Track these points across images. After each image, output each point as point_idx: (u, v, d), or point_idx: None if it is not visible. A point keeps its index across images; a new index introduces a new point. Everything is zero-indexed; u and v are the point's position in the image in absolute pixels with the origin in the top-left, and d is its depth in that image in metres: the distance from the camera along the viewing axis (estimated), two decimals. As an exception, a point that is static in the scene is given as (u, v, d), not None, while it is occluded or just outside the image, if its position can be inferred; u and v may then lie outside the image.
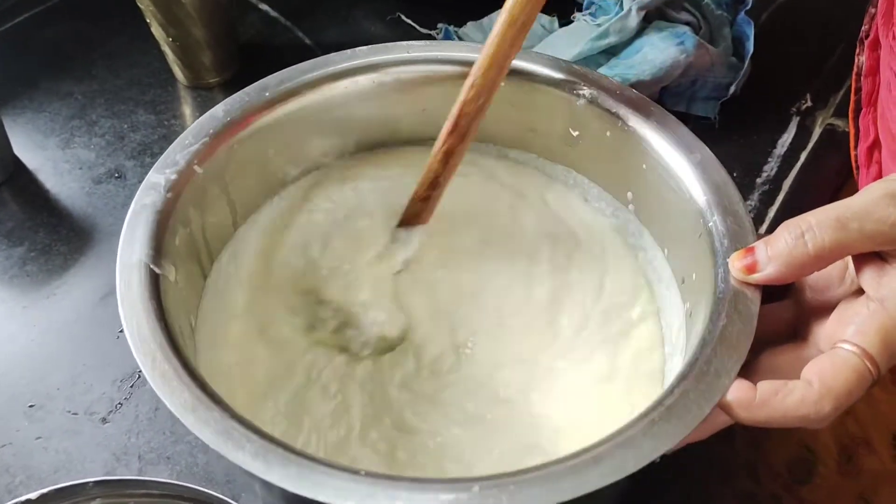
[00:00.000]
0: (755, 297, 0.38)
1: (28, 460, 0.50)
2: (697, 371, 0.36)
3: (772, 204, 0.62)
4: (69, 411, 0.52)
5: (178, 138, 0.45)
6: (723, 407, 0.35)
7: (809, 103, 0.69)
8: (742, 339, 0.37)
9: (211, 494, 0.38)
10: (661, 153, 0.46)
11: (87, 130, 0.68)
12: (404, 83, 0.50)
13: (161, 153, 0.45)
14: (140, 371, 0.54)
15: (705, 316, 0.39)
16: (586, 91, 0.48)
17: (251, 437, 0.33)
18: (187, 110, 0.70)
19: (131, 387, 0.53)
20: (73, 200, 0.63)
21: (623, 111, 0.47)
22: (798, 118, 0.68)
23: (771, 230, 0.41)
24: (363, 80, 0.49)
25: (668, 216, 0.47)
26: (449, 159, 0.47)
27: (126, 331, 0.37)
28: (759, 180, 0.63)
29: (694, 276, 0.44)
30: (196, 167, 0.44)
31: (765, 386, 0.35)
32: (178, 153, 0.44)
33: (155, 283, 0.39)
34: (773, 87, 0.69)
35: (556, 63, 0.49)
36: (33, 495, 0.37)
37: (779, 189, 0.63)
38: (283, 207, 0.51)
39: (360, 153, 0.53)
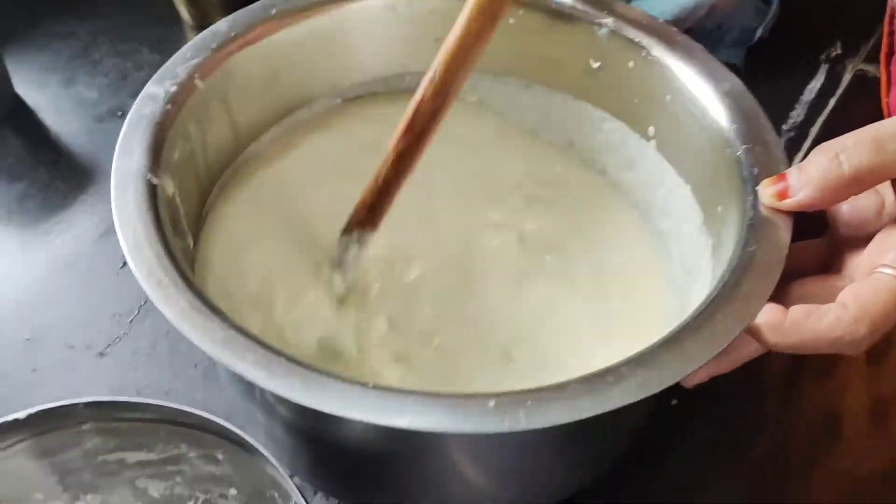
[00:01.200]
0: (786, 226, 0.37)
1: (24, 393, 0.48)
2: (726, 294, 0.34)
3: (797, 151, 0.60)
4: (66, 345, 0.50)
5: (178, 52, 0.43)
6: (752, 331, 0.34)
7: (839, 49, 0.66)
8: (772, 267, 0.35)
9: (207, 418, 0.36)
10: (687, 83, 0.44)
11: (90, 70, 0.66)
12: (419, 12, 0.48)
13: None
14: (140, 307, 0.54)
15: (733, 246, 0.37)
16: (609, 20, 0.46)
17: (253, 346, 0.32)
18: None
19: (130, 322, 0.51)
20: (74, 138, 0.62)
21: (647, 40, 0.45)
22: (827, 64, 0.65)
23: None
24: (375, 4, 0.47)
25: (693, 149, 0.44)
26: (401, 163, 0.41)
27: (121, 240, 0.35)
28: (784, 127, 0.61)
29: (720, 208, 0.42)
30: (197, 80, 0.42)
31: (797, 309, 0.33)
32: (178, 66, 0.42)
33: (152, 195, 0.37)
34: (801, 31, 0.66)
35: (575, -9, 0.47)
36: (21, 414, 0.36)
37: (805, 136, 0.61)
38: (288, 135, 0.49)
39: (370, 83, 0.51)
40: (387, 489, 0.41)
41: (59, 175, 0.60)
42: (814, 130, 0.61)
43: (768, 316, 0.33)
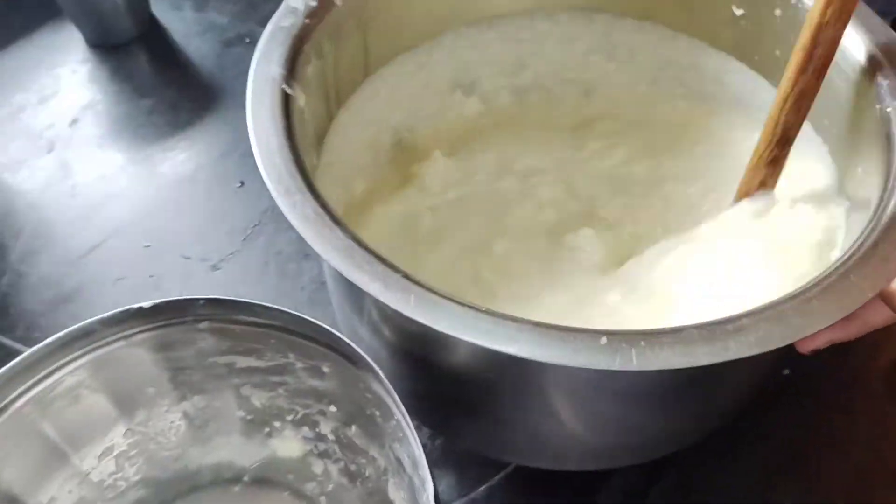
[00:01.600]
0: None
1: (140, 296, 0.49)
2: (861, 254, 0.32)
3: None
4: (182, 255, 0.52)
5: None
6: (885, 297, 0.32)
7: None
8: None
9: (320, 326, 0.36)
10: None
11: None
12: None
13: None
14: (255, 226, 0.55)
15: (874, 205, 0.35)
16: None
17: (371, 259, 0.32)
18: None
19: (243, 240, 0.53)
20: (203, 61, 0.64)
21: None
22: None
23: None
24: None
25: (836, 105, 0.41)
26: (802, 104, 0.38)
27: (254, 145, 0.35)
28: None
29: (860, 169, 0.39)
30: None
31: None
32: None
33: (287, 104, 0.37)
34: None
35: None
36: (146, 304, 0.38)
37: None
38: (419, 65, 0.48)
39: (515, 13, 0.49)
40: (481, 423, 0.40)
41: (187, 95, 0.61)
42: None
43: None
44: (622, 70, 0.50)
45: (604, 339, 0.29)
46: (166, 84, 0.62)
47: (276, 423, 0.43)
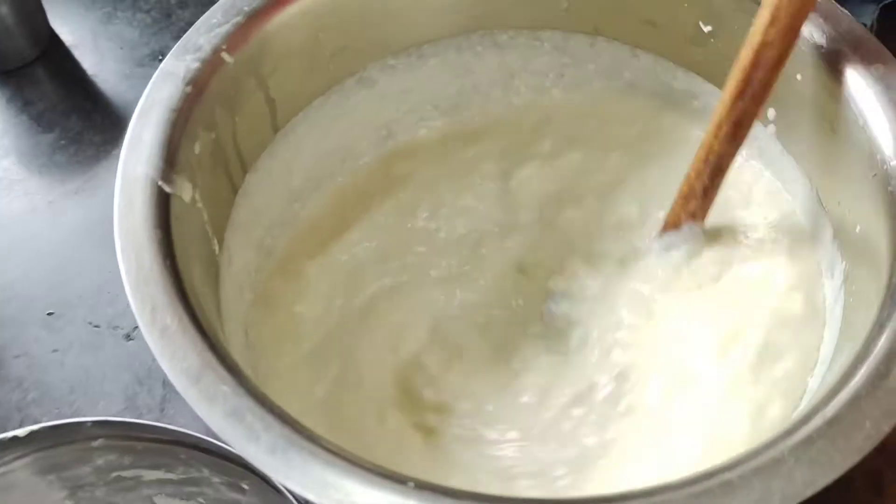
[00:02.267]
0: None
1: (43, 375, 0.44)
2: (870, 369, 0.26)
3: None
4: (91, 323, 0.46)
5: (204, 15, 0.36)
6: None
7: None
8: None
9: (223, 447, 0.32)
10: (826, 60, 0.35)
11: (132, 5, 0.59)
12: None
13: None
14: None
15: (877, 290, 0.29)
16: None
17: (269, 421, 0.26)
18: None
19: None
20: (111, 84, 0.56)
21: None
22: None
23: None
24: None
25: (827, 147, 0.36)
26: (738, 132, 0.35)
27: (122, 269, 0.29)
28: None
29: (858, 228, 0.33)
30: (225, 55, 0.35)
31: None
32: (201, 35, 0.35)
33: (164, 206, 0.31)
34: None
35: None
36: (21, 432, 0.32)
37: None
38: (334, 105, 0.41)
39: (430, 44, 0.42)
40: None
41: (93, 126, 0.54)
42: None
43: None
44: (575, 94, 0.45)
45: None
46: (70, 112, 0.54)
47: (201, 531, 0.37)
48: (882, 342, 0.27)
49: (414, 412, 0.36)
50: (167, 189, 0.31)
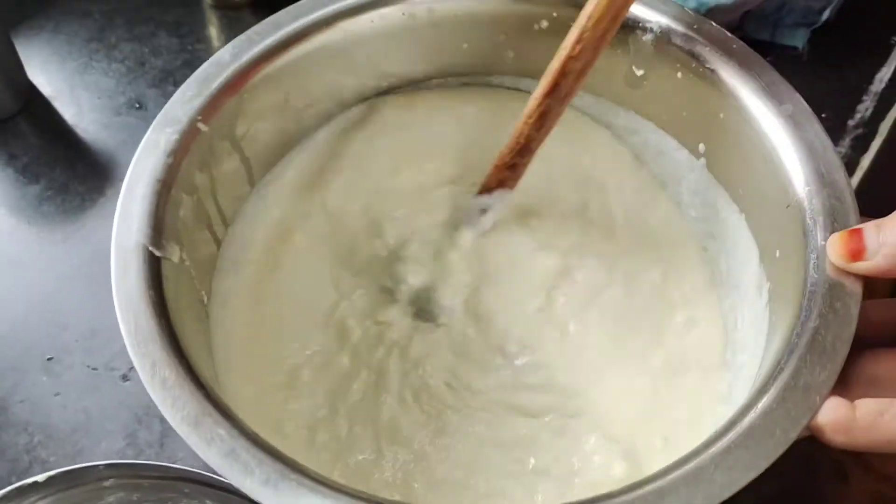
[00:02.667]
0: (855, 293, 0.32)
1: (46, 418, 0.47)
2: (782, 384, 0.30)
3: (865, 151, 0.53)
4: (89, 366, 0.49)
5: (179, 89, 0.39)
6: (814, 430, 0.30)
7: None
8: (838, 346, 0.31)
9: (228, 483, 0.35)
10: (743, 100, 0.39)
11: (107, 55, 0.62)
12: (441, 17, 0.43)
13: (183, 81, 0.40)
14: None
15: (791, 310, 0.33)
16: (653, 25, 0.41)
17: (261, 457, 0.29)
18: (213, 32, 0.64)
19: None
20: (92, 133, 0.58)
21: (698, 48, 0.40)
22: None
23: (865, 182, 0.35)
24: (391, 13, 0.43)
25: (749, 177, 0.40)
26: (544, 123, 0.41)
27: (123, 331, 0.32)
28: (851, 123, 0.55)
29: (778, 253, 0.37)
30: (200, 124, 0.38)
31: (867, 406, 0.29)
32: (178, 108, 0.38)
33: (156, 270, 0.34)
34: (871, 13, 0.59)
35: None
36: (40, 478, 0.35)
37: (874, 133, 0.54)
38: (307, 160, 0.45)
39: (388, 95, 0.47)
40: None
41: (77, 176, 0.56)
42: (884, 127, 0.54)
43: (832, 413, 0.29)
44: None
45: None
46: (54, 164, 0.57)
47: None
48: (791, 361, 0.31)
49: None
50: (157, 253, 0.35)
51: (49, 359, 0.49)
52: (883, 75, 0.58)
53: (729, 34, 0.41)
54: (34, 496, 0.36)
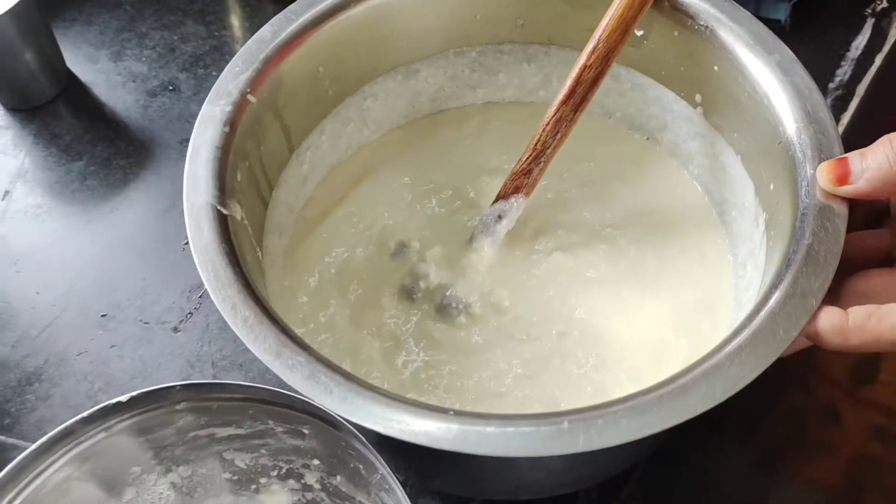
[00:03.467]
0: (842, 213, 0.35)
1: (105, 367, 0.50)
2: (782, 292, 0.33)
3: (845, 110, 0.58)
4: (141, 321, 0.52)
5: (228, 65, 0.42)
6: (811, 335, 0.33)
7: (885, 3, 0.63)
8: (829, 259, 0.34)
9: (290, 395, 0.38)
10: (735, 53, 0.42)
11: (138, 43, 0.65)
12: None
13: (213, 65, 0.44)
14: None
15: (787, 233, 0.36)
16: None
17: (338, 379, 0.33)
18: (236, 21, 0.66)
19: (200, 297, 0.52)
20: (129, 113, 0.61)
21: (693, 8, 0.44)
22: (873, 19, 0.62)
23: (845, 137, 0.39)
24: None
25: (743, 121, 0.43)
26: (559, 130, 0.43)
27: (203, 278, 0.36)
28: (831, 85, 0.59)
29: (772, 186, 0.41)
30: (250, 97, 0.41)
31: (857, 311, 0.33)
32: (229, 82, 0.41)
33: (224, 225, 0.37)
34: None
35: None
36: (123, 398, 0.39)
37: (852, 94, 0.58)
38: (338, 128, 0.49)
39: (415, 63, 0.50)
40: (451, 478, 0.43)
41: (118, 152, 0.60)
42: (861, 88, 0.58)
43: (828, 319, 0.33)
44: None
45: (566, 423, 0.30)
46: (95, 142, 0.60)
47: (263, 480, 0.44)
48: (790, 273, 0.34)
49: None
50: (224, 211, 0.38)
51: (103, 315, 0.53)
52: (858, 43, 0.62)
53: None
54: (115, 418, 0.39)
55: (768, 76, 0.41)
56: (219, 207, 0.38)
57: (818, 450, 0.47)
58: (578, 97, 0.42)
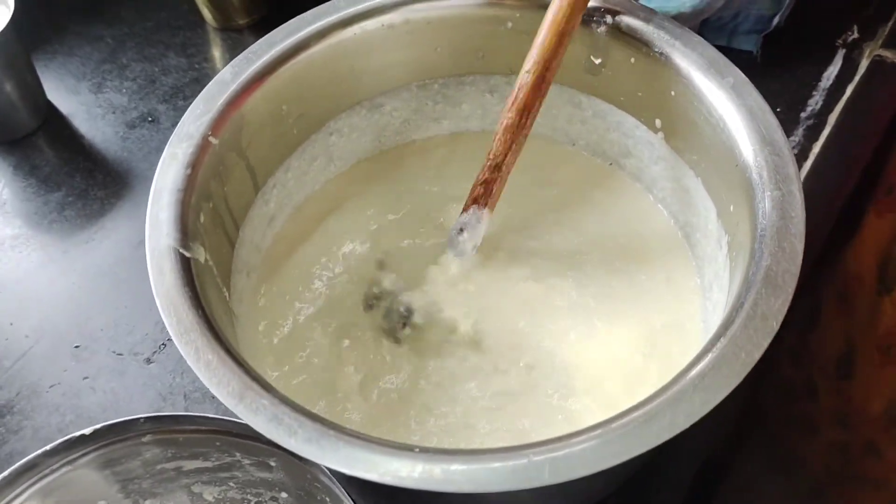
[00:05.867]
0: (799, 232, 0.35)
1: (76, 400, 0.48)
2: (743, 315, 0.33)
3: (816, 139, 0.56)
4: (114, 352, 0.50)
5: (190, 107, 0.41)
6: None
7: (856, 34, 0.62)
8: (787, 279, 0.34)
9: (257, 434, 0.38)
10: (690, 77, 0.42)
11: (119, 74, 0.64)
12: (416, 26, 0.46)
13: (192, 96, 0.43)
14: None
15: (746, 254, 0.35)
16: (607, 18, 0.44)
17: (301, 420, 0.31)
18: (217, 53, 0.66)
19: None
20: (108, 145, 0.60)
21: (647, 36, 0.43)
22: (844, 50, 0.61)
23: (816, 167, 0.39)
24: (371, 25, 0.45)
25: (702, 145, 0.42)
26: (510, 138, 0.43)
27: (165, 321, 0.34)
28: (803, 115, 0.57)
29: (732, 207, 0.40)
30: (211, 138, 0.40)
31: None
32: (191, 124, 0.40)
33: (187, 268, 0.36)
34: (817, 18, 0.62)
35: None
36: (87, 430, 0.38)
37: (824, 124, 0.57)
38: (302, 166, 0.48)
39: (378, 97, 0.49)
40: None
41: (96, 183, 0.58)
42: (832, 118, 0.57)
43: None
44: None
45: (530, 456, 0.29)
46: (73, 173, 0.58)
47: (231, 512, 0.44)
48: (750, 295, 0.33)
49: None
50: (187, 254, 0.37)
51: (77, 346, 0.51)
52: (829, 73, 0.62)
53: (672, 20, 0.44)
54: (79, 450, 0.38)
55: (723, 99, 0.41)
56: (181, 251, 0.37)
57: (863, 484, 0.46)
58: (521, 102, 0.42)
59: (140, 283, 0.53)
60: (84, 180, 0.59)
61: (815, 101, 0.61)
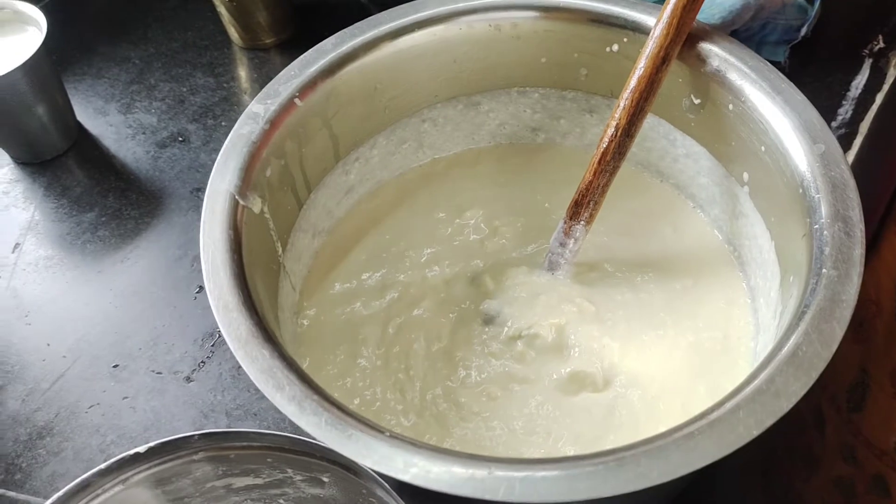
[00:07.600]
0: (843, 319, 0.33)
1: (117, 420, 0.48)
2: (755, 387, 0.31)
3: (849, 148, 0.57)
4: (153, 371, 0.50)
5: (285, 69, 0.43)
6: None
7: (882, 43, 0.63)
8: (816, 363, 0.32)
9: (309, 442, 0.38)
10: (782, 138, 0.40)
11: (147, 94, 0.65)
12: (524, 34, 0.47)
13: (223, 115, 0.45)
14: (219, 330, 0.55)
15: (785, 328, 0.34)
16: (714, 61, 0.43)
17: (292, 381, 0.34)
18: (244, 72, 0.67)
19: (212, 346, 0.51)
20: (139, 165, 0.61)
21: (749, 86, 0.42)
22: (871, 59, 0.62)
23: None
24: (478, 23, 0.47)
25: (781, 209, 0.41)
26: (600, 168, 0.43)
27: (202, 256, 0.36)
28: (833, 125, 0.58)
29: (792, 278, 0.38)
30: (297, 100, 0.42)
31: None
32: (280, 84, 0.42)
33: (237, 215, 0.38)
34: (843, 28, 0.64)
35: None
36: (141, 448, 0.38)
37: (855, 133, 0.58)
38: (390, 147, 0.49)
39: (476, 94, 0.50)
40: None
41: (129, 202, 0.59)
42: (864, 126, 0.58)
43: None
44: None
45: (490, 469, 0.30)
46: (105, 194, 0.59)
47: (282, 530, 0.43)
48: (770, 368, 0.32)
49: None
50: (241, 202, 0.38)
51: (115, 366, 0.51)
52: (858, 82, 0.63)
53: (778, 72, 0.42)
54: (133, 469, 0.38)
55: (808, 167, 0.39)
56: (237, 197, 0.39)
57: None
58: (622, 125, 0.43)
59: (177, 300, 0.54)
60: (117, 200, 0.59)
61: (846, 111, 0.61)
